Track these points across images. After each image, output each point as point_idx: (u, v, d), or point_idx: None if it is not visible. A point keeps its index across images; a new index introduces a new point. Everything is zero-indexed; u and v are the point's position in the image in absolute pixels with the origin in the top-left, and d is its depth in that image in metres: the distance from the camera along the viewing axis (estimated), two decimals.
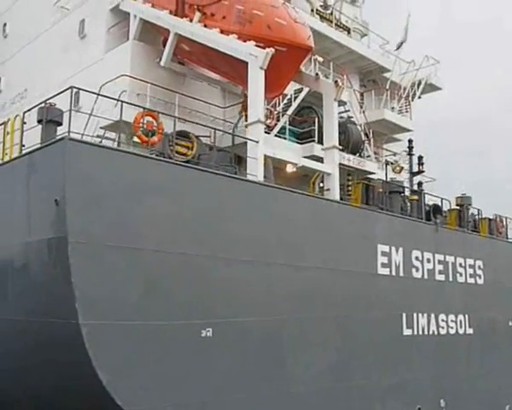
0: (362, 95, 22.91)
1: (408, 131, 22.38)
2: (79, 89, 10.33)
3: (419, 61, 23.75)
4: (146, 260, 9.79)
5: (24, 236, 9.92)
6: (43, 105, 10.38)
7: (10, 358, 10.39)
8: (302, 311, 12.58)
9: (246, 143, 13.06)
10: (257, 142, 12.39)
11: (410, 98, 22.74)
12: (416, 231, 16.07)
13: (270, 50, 12.61)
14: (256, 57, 12.68)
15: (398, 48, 23.15)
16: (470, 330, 17.65)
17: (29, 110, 10.89)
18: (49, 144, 9.60)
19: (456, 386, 16.66)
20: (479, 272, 18.43)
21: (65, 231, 9.01)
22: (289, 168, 14.11)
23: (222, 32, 13.85)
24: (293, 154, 15.81)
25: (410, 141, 18.00)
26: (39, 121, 10.31)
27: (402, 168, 17.66)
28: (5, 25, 22.43)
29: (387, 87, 21.87)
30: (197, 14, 14.38)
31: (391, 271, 14.98)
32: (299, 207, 12.93)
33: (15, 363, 10.33)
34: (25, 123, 10.82)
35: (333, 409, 12.99)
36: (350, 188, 16.76)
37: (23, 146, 10.71)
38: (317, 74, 14.79)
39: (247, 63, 12.86)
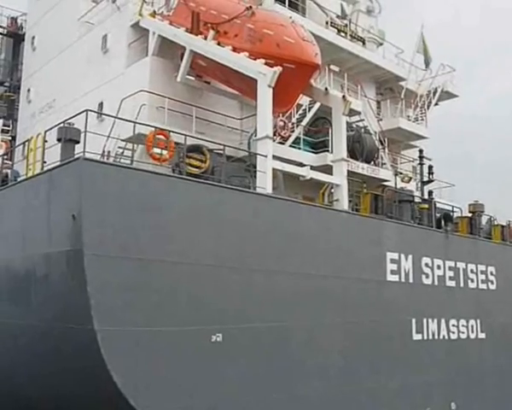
0: (379, 103, 23.35)
1: (423, 138, 22.78)
2: (94, 111, 11.04)
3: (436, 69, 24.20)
4: (156, 270, 10.47)
5: (45, 247, 10.70)
6: (62, 125, 11.13)
7: (32, 361, 11.20)
8: (312, 317, 13.12)
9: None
10: (265, 156, 12.99)
11: (426, 106, 23.08)
12: (425, 239, 16.45)
13: (278, 69, 13.18)
14: (264, 75, 13.28)
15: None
16: (482, 335, 17.93)
17: (50, 129, 11.68)
18: (66, 163, 10.36)
19: (468, 389, 16.95)
20: (491, 277, 18.68)
21: (81, 244, 9.76)
22: (302, 177, 14.64)
23: (234, 49, 14.47)
24: (308, 162, 16.43)
25: (421, 151, 18.37)
26: (58, 140, 11.07)
27: (410, 179, 18.02)
28: (33, 38, 23.49)
29: (402, 96, 22.23)
30: (211, 32, 15.03)
31: (400, 277, 15.42)
32: (308, 218, 13.50)
33: (37, 366, 11.12)
34: (46, 141, 11.61)
35: (338, 407, 13.49)
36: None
37: (44, 162, 11.50)
38: (326, 89, 15.29)
39: (256, 80, 13.48)
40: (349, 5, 23.66)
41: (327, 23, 20.62)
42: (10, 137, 18.71)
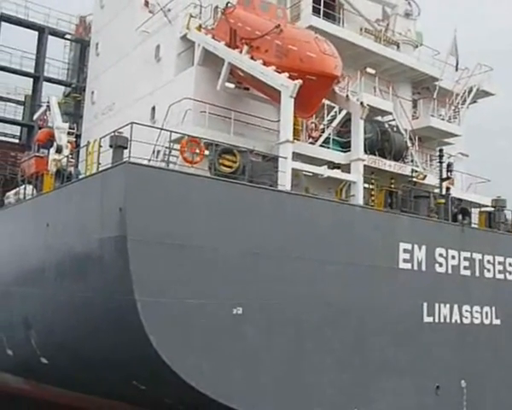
0: (415, 102, 24.74)
1: (456, 136, 24.05)
2: (138, 124, 13.19)
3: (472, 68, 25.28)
4: (186, 253, 12.75)
5: (99, 233, 13.20)
6: (113, 134, 13.52)
7: (88, 327, 13.78)
8: (327, 299, 15.06)
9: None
10: (285, 158, 15.02)
11: (460, 105, 24.28)
12: (439, 231, 17.96)
13: (299, 82, 15.15)
14: (287, 87, 15.28)
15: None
16: (497, 321, 19.26)
17: (103, 137, 14.14)
18: (115, 166, 12.78)
19: (480, 370, 18.35)
20: (509, 268, 19.91)
21: (125, 231, 12.17)
22: (320, 176, 16.57)
23: (264, 63, 16.48)
24: (337, 160, 18.35)
25: (441, 150, 19.77)
26: (110, 146, 13.50)
27: (425, 176, 19.49)
28: (97, 44, 26.25)
29: (435, 96, 23.55)
30: (245, 47, 17.09)
31: (412, 266, 17.06)
32: (325, 212, 15.44)
33: (92, 331, 13.70)
34: (101, 146, 14.08)
35: (351, 380, 15.38)
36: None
37: (99, 164, 13.99)
38: (347, 96, 17.10)
39: (280, 91, 15.49)
40: (389, 9, 25.15)
41: (361, 30, 22.29)
42: (75, 138, 21.49)
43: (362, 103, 16.79)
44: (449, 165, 18.96)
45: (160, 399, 14.70)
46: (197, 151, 13.77)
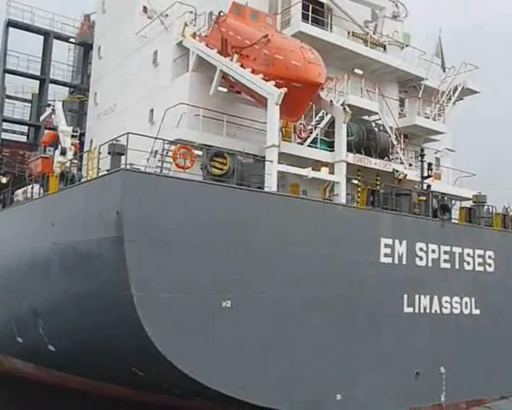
0: (403, 101, 25.83)
1: (441, 133, 25.14)
2: (134, 134, 14.38)
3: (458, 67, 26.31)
4: (178, 251, 14.00)
5: (99, 233, 14.47)
6: (111, 142, 14.72)
7: (90, 317, 15.09)
8: (310, 291, 16.24)
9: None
10: (271, 161, 16.21)
11: (446, 103, 25.35)
12: (420, 227, 19.08)
13: (283, 90, 16.30)
14: (273, 95, 16.43)
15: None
16: (477, 311, 20.38)
17: (102, 144, 15.36)
18: (113, 172, 14.02)
19: (459, 357, 19.51)
20: (489, 261, 20.97)
21: (122, 232, 13.43)
22: (305, 177, 17.77)
23: (253, 71, 17.64)
24: (324, 159, 19.53)
25: (422, 149, 20.86)
26: (109, 153, 14.72)
27: (405, 175, 20.59)
28: (99, 47, 27.45)
29: (420, 95, 24.63)
30: (235, 56, 18.23)
31: (393, 259, 18.22)
32: (310, 211, 16.61)
33: (93, 321, 15.01)
34: (100, 153, 15.32)
35: (334, 366, 16.58)
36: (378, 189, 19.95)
37: (99, 169, 15.24)
38: (331, 101, 18.24)
39: (266, 99, 16.65)
40: (377, 10, 26.13)
41: (348, 33, 23.35)
42: (79, 139, 22.81)
43: (345, 109, 17.92)
44: (429, 164, 20.00)
45: (158, 384, 16.06)
46: (188, 158, 14.91)
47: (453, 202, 23.60)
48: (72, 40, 30.78)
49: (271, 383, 15.29)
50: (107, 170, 14.59)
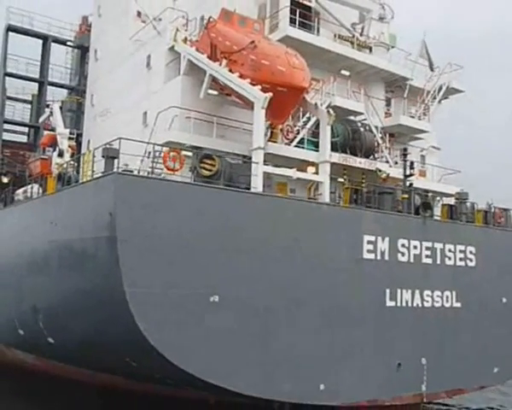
0: (389, 100, 26.66)
1: (425, 132, 25.97)
2: (126, 139, 15.23)
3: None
4: (167, 250, 14.87)
5: (93, 233, 15.35)
6: (105, 146, 15.58)
7: (85, 311, 15.99)
8: (296, 287, 17.10)
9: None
10: (257, 163, 17.07)
11: (431, 102, 26.18)
12: (402, 224, 19.92)
13: (269, 94, 17.14)
14: (259, 99, 17.27)
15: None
16: (458, 304, 21.23)
17: (97, 148, 16.21)
18: (106, 175, 14.89)
19: (441, 349, 20.30)
20: (470, 256, 21.78)
21: (115, 232, 14.30)
22: (290, 177, 18.67)
23: (241, 75, 18.47)
24: (311, 158, 20.37)
25: (405, 149, 21.67)
26: (103, 156, 15.57)
27: (388, 174, 21.44)
28: (96, 50, 28.27)
29: (405, 95, 25.46)
30: (224, 61, 19.05)
31: (376, 256, 19.06)
32: (294, 210, 17.45)
33: (88, 315, 15.90)
34: (94, 156, 16.18)
35: (319, 357, 17.43)
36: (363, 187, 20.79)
37: (93, 172, 16.10)
38: (315, 104, 19.07)
39: (252, 102, 17.49)
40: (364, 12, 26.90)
41: (335, 36, 24.15)
42: (76, 139, 23.72)
43: (328, 111, 18.75)
44: (412, 163, 20.81)
45: (151, 374, 16.97)
46: (178, 160, 15.76)
47: (438, 198, 24.64)
48: (69, 43, 31.71)
49: (257, 373, 16.18)
50: (102, 172, 15.42)
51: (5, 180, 26.43)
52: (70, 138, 22.77)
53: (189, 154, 17.51)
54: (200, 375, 15.33)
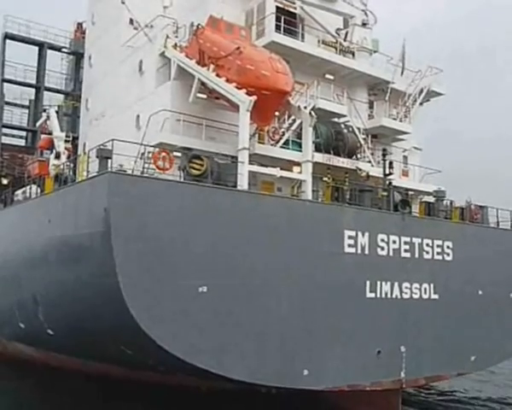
0: (372, 103, 27.85)
1: (406, 133, 27.19)
2: (118, 140, 16.34)
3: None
4: (157, 243, 15.96)
5: (88, 228, 16.44)
6: (99, 147, 16.67)
7: (82, 303, 17.07)
8: (280, 278, 18.19)
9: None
10: (242, 163, 18.20)
11: (411, 105, 27.41)
12: (381, 220, 21.04)
13: (253, 98, 18.29)
14: (243, 102, 18.41)
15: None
16: (435, 296, 22.30)
17: (91, 149, 17.32)
18: (100, 174, 16.00)
19: (419, 338, 21.32)
20: (447, 250, 22.86)
21: (109, 227, 15.39)
22: (274, 176, 19.83)
23: (227, 80, 19.61)
24: (296, 158, 21.51)
25: (384, 149, 22.86)
26: (97, 157, 16.67)
27: (368, 173, 22.62)
28: (90, 56, 29.38)
29: (387, 98, 26.67)
30: (211, 66, 20.19)
31: (356, 250, 20.16)
32: (279, 207, 18.57)
33: (85, 306, 16.97)
34: (89, 157, 17.29)
35: (302, 346, 18.50)
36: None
37: (88, 172, 17.22)
38: (298, 106, 20.24)
39: (238, 105, 18.64)
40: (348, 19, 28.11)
41: (319, 41, 25.34)
42: (71, 143, 24.84)
43: (310, 113, 19.91)
44: (391, 162, 21.97)
45: (145, 361, 18.03)
46: (167, 160, 16.87)
47: (420, 196, 25.85)
48: (64, 50, 32.88)
49: (243, 358, 17.26)
50: (97, 172, 16.53)
51: (5, 182, 27.64)
52: (66, 141, 23.89)
53: (179, 154, 18.63)
54: (189, 359, 16.31)
